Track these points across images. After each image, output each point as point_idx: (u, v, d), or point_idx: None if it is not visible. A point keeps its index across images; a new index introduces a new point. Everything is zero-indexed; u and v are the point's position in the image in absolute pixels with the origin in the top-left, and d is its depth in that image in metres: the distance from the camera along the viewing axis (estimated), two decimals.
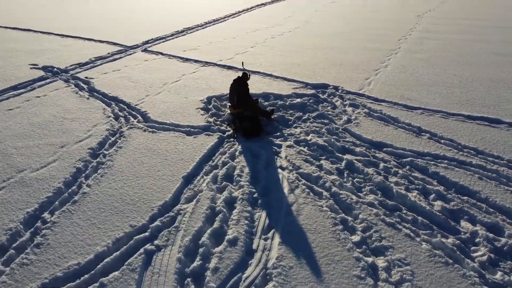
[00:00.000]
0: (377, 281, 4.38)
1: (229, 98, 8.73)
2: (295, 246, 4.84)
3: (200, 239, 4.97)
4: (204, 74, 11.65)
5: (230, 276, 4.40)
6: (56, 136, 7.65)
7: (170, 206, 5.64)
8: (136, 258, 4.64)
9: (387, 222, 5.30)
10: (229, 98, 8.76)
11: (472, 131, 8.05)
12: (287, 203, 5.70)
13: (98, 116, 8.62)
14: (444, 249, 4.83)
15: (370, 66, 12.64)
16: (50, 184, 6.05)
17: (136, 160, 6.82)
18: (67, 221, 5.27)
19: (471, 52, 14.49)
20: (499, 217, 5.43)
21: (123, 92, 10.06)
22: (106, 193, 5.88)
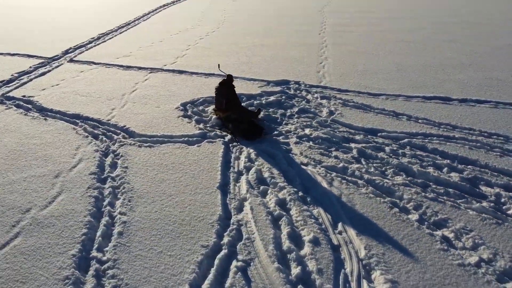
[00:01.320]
0: (456, 249, 4.83)
1: (216, 102, 8.49)
2: (372, 234, 5.04)
3: (282, 245, 4.86)
4: (158, 81, 11.04)
5: (336, 274, 4.43)
6: (39, 165, 6.59)
7: (226, 219, 5.37)
8: (233, 278, 4.36)
9: (429, 197, 5.82)
10: (215, 102, 8.52)
11: (436, 109, 9.14)
12: (335, 196, 5.86)
13: (72, 137, 7.63)
14: (487, 212, 5.51)
15: (312, 60, 13.33)
16: (75, 220, 5.25)
17: (155, 178, 6.27)
18: (129, 255, 4.67)
19: (388, 41, 16.20)
20: (505, 178, 6.35)
21: (81, 108, 9.02)
22: (149, 217, 5.33)
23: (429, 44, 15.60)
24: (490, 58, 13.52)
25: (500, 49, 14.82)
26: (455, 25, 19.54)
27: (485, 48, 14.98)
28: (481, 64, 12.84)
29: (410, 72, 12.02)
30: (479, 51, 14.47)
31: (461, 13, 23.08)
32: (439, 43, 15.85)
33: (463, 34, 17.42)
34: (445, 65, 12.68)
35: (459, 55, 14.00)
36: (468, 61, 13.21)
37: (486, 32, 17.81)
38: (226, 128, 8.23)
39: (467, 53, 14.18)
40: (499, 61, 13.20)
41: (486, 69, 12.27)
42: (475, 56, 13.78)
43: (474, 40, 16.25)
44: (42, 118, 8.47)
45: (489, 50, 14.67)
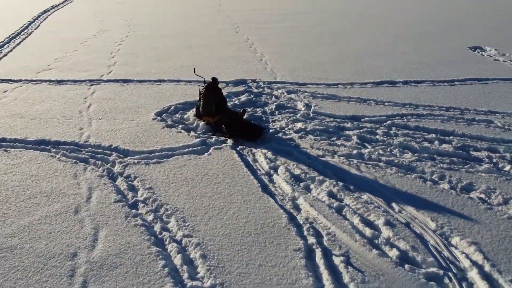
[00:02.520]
0: (497, 206, 5.60)
1: (204, 107, 8.14)
2: (427, 208, 5.53)
3: (364, 233, 5.04)
4: (109, 93, 10.07)
5: (427, 247, 4.80)
6: (45, 204, 5.56)
7: (293, 219, 5.32)
8: (347, 272, 4.39)
9: (445, 168, 6.58)
10: (202, 107, 8.16)
11: (392, 92, 10.20)
12: (371, 180, 6.23)
13: (57, 166, 6.58)
14: (494, 172, 6.48)
15: (250, 58, 13.55)
16: (141, 253, 4.64)
17: (191, 193, 5.83)
18: (231, 275, 4.33)
19: (307, 35, 17.23)
20: (483, 143, 7.49)
21: (40, 132, 7.79)
22: (219, 234, 4.98)
23: (348, 35, 17.06)
24: (405, 45, 15.42)
25: (412, 37, 16.99)
26: (360, 18, 21.67)
27: (398, 37, 17.01)
28: (399, 51, 14.58)
29: (346, 61, 13.07)
30: (393, 39, 16.37)
31: (361, 5, 25.66)
32: (356, 34, 17.44)
33: (372, 25, 19.46)
34: (371, 53, 14.08)
35: (378, 43, 15.64)
36: (390, 48, 14.86)
37: (393, 23, 20.17)
38: (221, 132, 7.98)
39: (384, 42, 15.91)
40: (413, 47, 15.14)
41: (407, 54, 13.99)
42: (392, 44, 15.57)
43: (386, 30, 18.28)
44: (0, 150, 7.09)
45: (402, 38, 16.70)
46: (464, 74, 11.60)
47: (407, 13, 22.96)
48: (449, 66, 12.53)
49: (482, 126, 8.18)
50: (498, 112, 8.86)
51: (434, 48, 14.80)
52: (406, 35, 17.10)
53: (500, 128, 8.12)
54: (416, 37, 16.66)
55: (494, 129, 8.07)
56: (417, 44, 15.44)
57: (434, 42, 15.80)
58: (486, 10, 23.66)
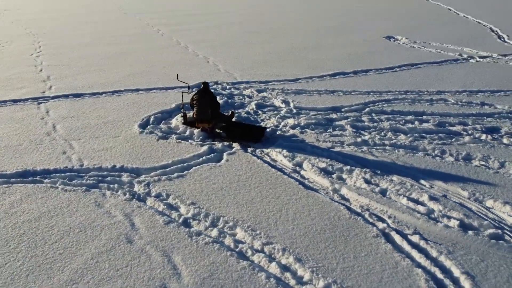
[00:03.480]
0: (498, 169, 6.52)
1: (199, 113, 7.80)
2: (457, 180, 6.20)
3: (432, 210, 5.45)
4: (69, 110, 9.02)
5: (484, 219, 5.43)
6: (83, 240, 4.84)
7: (350, 209, 5.51)
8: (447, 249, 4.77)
9: (439, 143, 7.39)
10: (198, 113, 7.81)
11: (350, 82, 10.95)
12: (392, 163, 6.72)
13: (68, 197, 5.73)
14: (477, 141, 7.49)
15: (193, 60, 13.26)
16: (235, 269, 4.37)
17: (242, 201, 5.62)
18: (334, 273, 4.37)
19: (238, 33, 17.35)
20: (451, 119, 8.57)
21: (13, 162, 6.68)
22: (297, 235, 4.91)
23: (273, 33, 17.58)
24: (330, 39, 16.49)
25: (332, 30, 18.16)
26: (276, 14, 22.40)
27: (320, 30, 18.05)
28: (328, 44, 15.58)
29: (289, 57, 13.56)
30: (317, 34, 17.36)
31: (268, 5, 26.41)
32: (280, 31, 18.05)
33: (293, 21, 20.29)
34: (306, 48, 14.81)
35: (306, 39, 16.46)
36: (320, 42, 15.75)
37: (311, 18, 21.24)
38: (220, 138, 7.75)
39: (311, 37, 16.80)
40: (339, 40, 16.27)
41: (337, 47, 15.02)
42: (318, 39, 16.52)
43: (307, 25, 19.23)
44: None
45: (324, 32, 17.77)
46: (398, 61, 12.95)
47: (318, 8, 24.58)
48: (379, 54, 13.85)
49: (442, 104, 9.31)
50: (446, 91, 10.16)
51: (355, 40, 16.16)
52: (326, 29, 18.33)
53: (456, 104, 9.35)
54: (336, 31, 17.97)
55: (452, 105, 9.27)
56: (340, 37, 16.68)
57: (353, 34, 17.25)
58: (389, 3, 26.50)
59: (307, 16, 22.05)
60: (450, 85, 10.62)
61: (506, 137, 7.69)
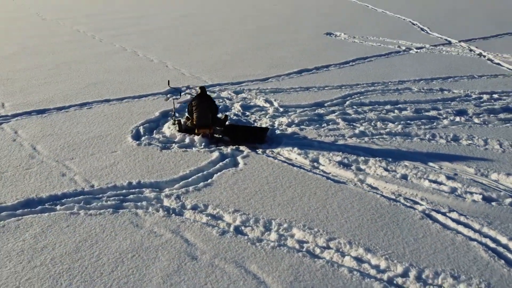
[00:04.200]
0: (485, 146, 7.33)
1: (200, 119, 7.56)
2: (459, 160, 6.84)
3: (455, 188, 5.94)
4: (40, 128, 8.15)
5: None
6: (146, 264, 4.46)
7: (385, 196, 5.81)
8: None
9: (426, 128, 8.05)
10: (199, 119, 7.56)
11: (322, 78, 11.37)
12: (396, 150, 7.18)
13: (97, 221, 5.21)
14: (456, 124, 8.30)
15: (152, 66, 12.73)
16: (336, 269, 4.40)
17: (280, 203, 5.61)
18: (407, 257, 4.61)
19: (172, 37, 16.92)
20: (423, 105, 9.38)
21: (12, 192, 5.89)
22: (357, 226, 5.06)
23: (220, 34, 17.45)
24: (274, 38, 16.83)
25: (271, 27, 18.48)
26: (212, 17, 22.11)
27: (260, 29, 18.27)
28: (275, 44, 15.92)
29: (245, 57, 13.63)
30: (261, 33, 17.59)
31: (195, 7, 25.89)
32: (227, 32, 17.95)
33: (228, 24, 20.23)
34: (255, 49, 14.97)
35: (255, 39, 16.63)
36: (267, 42, 16.01)
37: (239, 21, 21.29)
38: (223, 142, 7.60)
39: (259, 37, 16.99)
40: (284, 38, 16.68)
41: (285, 46, 15.43)
42: (263, 39, 16.79)
43: (245, 27, 19.32)
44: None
45: (265, 30, 18.05)
46: (350, 55, 13.70)
47: (245, 10, 24.86)
48: (330, 50, 14.56)
49: (409, 93, 10.13)
50: (406, 81, 11.05)
51: (300, 38, 16.73)
52: (266, 29, 18.69)
53: (420, 92, 10.23)
54: (277, 30, 18.42)
55: (418, 93, 10.13)
56: (285, 35, 17.15)
57: (296, 32, 17.84)
58: (308, 2, 27.63)
59: (238, 18, 22.28)
60: (406, 74, 11.57)
61: (475, 118, 8.63)
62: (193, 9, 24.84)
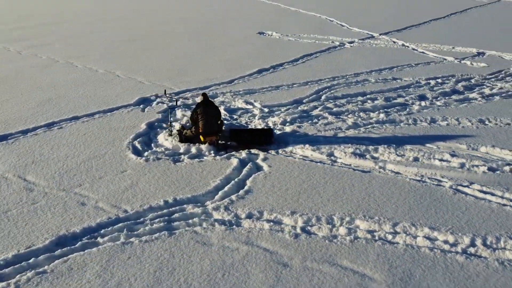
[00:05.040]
0: (461, 124, 8.33)
1: (206, 127, 7.30)
2: (453, 139, 7.66)
3: (463, 163, 6.66)
4: (16, 154, 7.08)
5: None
6: (240, 281, 4.26)
7: (410, 179, 6.31)
8: None
9: (404, 114, 8.85)
10: (205, 127, 7.29)
11: (283, 76, 11.66)
12: (393, 136, 7.79)
13: (153, 249, 4.76)
14: (427, 107, 9.25)
15: (81, 80, 11.79)
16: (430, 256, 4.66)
17: (325, 197, 5.75)
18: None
19: (102, 44, 15.83)
20: (391, 93, 10.25)
21: (31, 235, 5.08)
22: (406, 210, 5.43)
23: (156, 39, 16.68)
24: (213, 39, 16.67)
25: (200, 30, 18.17)
26: (136, 21, 20.82)
27: (191, 33, 17.87)
28: (223, 46, 15.81)
29: (199, 60, 13.37)
30: (197, 37, 17.24)
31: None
32: (160, 36, 17.18)
33: (166, 25, 19.33)
34: (202, 52, 14.75)
35: (195, 42, 16.27)
36: (213, 45, 15.79)
37: (162, 25, 20.47)
38: (231, 148, 7.44)
39: (198, 40, 16.63)
40: (224, 39, 16.60)
41: (232, 47, 15.43)
42: (205, 40, 16.52)
43: (172, 30, 18.67)
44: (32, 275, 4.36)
45: (198, 33, 17.69)
46: (297, 53, 14.23)
47: (188, 10, 24.08)
48: (275, 49, 14.96)
49: (370, 84, 10.96)
50: (360, 73, 11.91)
51: (238, 38, 16.88)
52: (198, 31, 18.44)
53: (378, 82, 11.14)
54: (210, 32, 18.30)
55: (377, 83, 11.01)
56: (223, 37, 17.12)
57: (230, 33, 17.89)
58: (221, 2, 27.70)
59: (165, 22, 21.61)
60: (356, 67, 12.45)
61: (436, 101, 9.73)
62: (110, 14, 23.29)
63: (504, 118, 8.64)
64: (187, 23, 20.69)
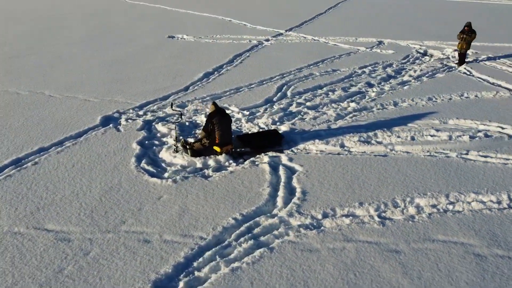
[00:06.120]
0: (427, 102, 9.57)
1: (223, 137, 7.01)
2: (423, 116, 8.74)
3: (460, 134, 7.70)
4: (12, 196, 5.72)
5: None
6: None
7: (434, 159, 7.11)
8: None
9: (369, 100, 9.75)
10: (222, 137, 6.98)
11: (232, 77, 11.56)
12: (381, 121, 8.55)
13: (276, 262, 4.54)
14: (383, 92, 10.31)
15: (34, 99, 10.13)
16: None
17: (380, 183, 6.13)
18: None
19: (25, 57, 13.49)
20: (341, 83, 11.10)
21: (129, 268, 4.33)
22: (442, 185, 6.15)
23: (71, 51, 14.64)
24: (127, 46, 15.45)
25: (105, 36, 16.59)
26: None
27: (100, 39, 16.20)
28: (154, 53, 14.77)
29: (136, 71, 12.37)
30: (112, 42, 15.70)
31: None
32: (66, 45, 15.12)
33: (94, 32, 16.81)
34: (131, 58, 13.64)
35: (120, 49, 14.80)
36: (143, 52, 14.59)
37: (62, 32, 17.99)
38: (248, 155, 7.25)
39: (119, 47, 15.14)
40: (135, 44, 15.49)
41: (159, 51, 14.58)
42: (125, 47, 15.18)
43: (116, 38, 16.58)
44: None
45: (104, 39, 16.10)
46: (226, 54, 14.18)
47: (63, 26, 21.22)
48: (199, 52, 14.65)
49: (318, 77, 11.65)
50: (301, 68, 12.53)
51: (152, 44, 16.01)
52: (104, 38, 16.89)
53: (323, 75, 11.90)
54: (120, 40, 16.94)
55: (324, 76, 11.76)
56: (135, 44, 16.02)
57: (142, 40, 16.82)
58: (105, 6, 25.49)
59: (42, 33, 19.17)
60: (293, 63, 13.04)
61: (382, 86, 10.91)
62: None
63: (444, 94, 10.20)
64: (77, 31, 18.70)
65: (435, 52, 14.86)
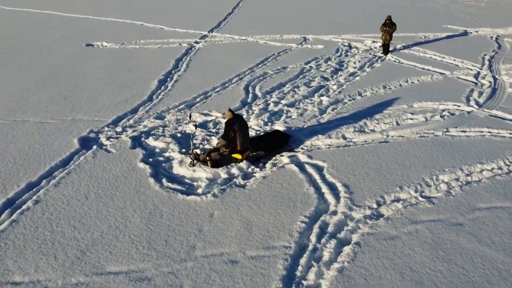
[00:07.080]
0: (395, 87, 10.47)
1: (243, 143, 6.82)
2: (401, 100, 9.58)
3: (453, 112, 8.61)
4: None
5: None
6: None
7: (434, 140, 7.87)
8: None
9: (337, 93, 10.35)
10: (243, 143, 6.81)
11: (189, 83, 11.14)
12: (369, 107, 9.16)
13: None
14: (342, 84, 10.99)
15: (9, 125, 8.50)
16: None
17: (403, 169, 6.63)
18: None
19: None
20: (304, 79, 11.51)
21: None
22: (449, 162, 6.93)
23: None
24: (53, 58, 13.65)
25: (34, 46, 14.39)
26: None
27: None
28: (79, 63, 13.22)
29: (85, 87, 11.04)
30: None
31: None
32: None
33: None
34: (68, 67, 12.13)
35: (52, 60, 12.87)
36: (70, 62, 12.91)
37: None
38: (266, 158, 7.16)
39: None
40: (62, 56, 13.82)
41: (95, 62, 13.17)
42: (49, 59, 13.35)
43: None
44: None
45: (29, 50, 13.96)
46: (167, 60, 13.50)
47: None
48: (135, 59, 13.72)
49: (274, 76, 11.85)
50: (256, 67, 12.61)
51: (66, 53, 14.49)
52: (26, 50, 14.69)
53: (277, 73, 12.15)
54: (33, 46, 14.89)
55: (279, 74, 12.03)
56: (60, 54, 14.29)
57: (57, 49, 15.03)
58: None
59: None
60: (240, 64, 12.94)
61: (337, 79, 11.62)
62: None
63: (393, 81, 11.29)
64: None
65: (358, 44, 16.24)
